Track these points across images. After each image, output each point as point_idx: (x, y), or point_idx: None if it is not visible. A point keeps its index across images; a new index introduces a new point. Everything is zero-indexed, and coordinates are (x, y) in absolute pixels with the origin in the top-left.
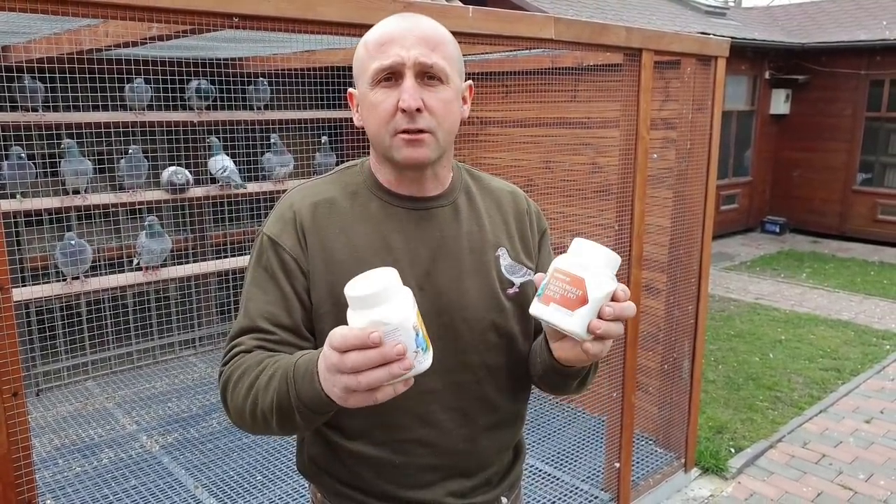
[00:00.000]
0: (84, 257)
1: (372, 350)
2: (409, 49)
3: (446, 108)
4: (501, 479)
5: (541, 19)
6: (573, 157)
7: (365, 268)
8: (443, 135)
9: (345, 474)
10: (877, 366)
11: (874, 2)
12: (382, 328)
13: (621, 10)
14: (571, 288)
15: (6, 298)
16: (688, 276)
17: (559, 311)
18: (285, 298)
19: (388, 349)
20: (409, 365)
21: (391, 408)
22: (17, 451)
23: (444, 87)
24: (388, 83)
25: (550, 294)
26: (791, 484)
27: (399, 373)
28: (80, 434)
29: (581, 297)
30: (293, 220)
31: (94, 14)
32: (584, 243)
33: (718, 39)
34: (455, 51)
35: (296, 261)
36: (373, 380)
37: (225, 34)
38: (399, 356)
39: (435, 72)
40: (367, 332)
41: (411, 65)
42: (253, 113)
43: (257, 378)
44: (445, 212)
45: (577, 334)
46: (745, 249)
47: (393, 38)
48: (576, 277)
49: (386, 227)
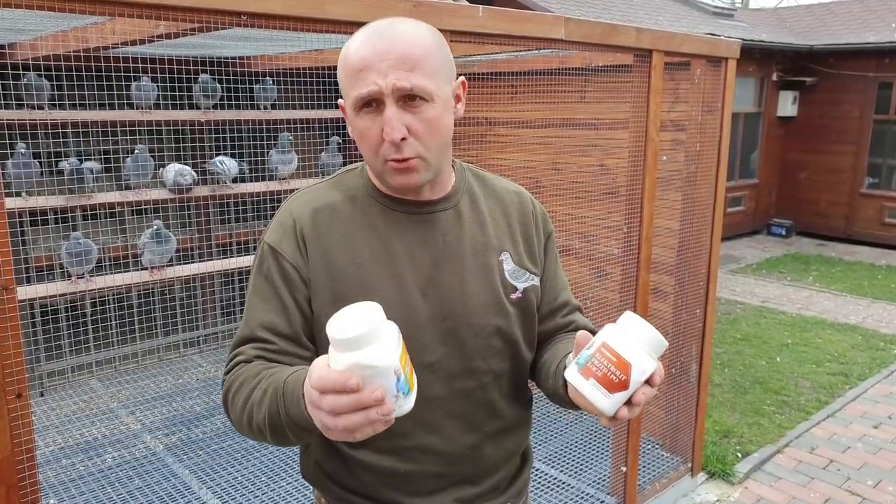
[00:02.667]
0: (90, 257)
1: (350, 395)
2: (385, 75)
3: (432, 128)
4: (509, 486)
5: (551, 19)
6: (581, 159)
7: (366, 274)
8: (433, 155)
9: (350, 481)
10: (884, 370)
11: (882, 4)
12: (363, 372)
13: (628, 11)
14: (616, 370)
15: (11, 299)
16: (696, 279)
17: (597, 390)
18: (285, 308)
19: (367, 396)
20: (387, 411)
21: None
22: (21, 454)
23: (428, 106)
24: (370, 109)
25: (593, 369)
26: (798, 489)
27: (377, 418)
28: (83, 433)
29: (623, 382)
30: (293, 228)
31: (102, 11)
32: (637, 321)
33: (729, 41)
34: (439, 57)
35: (296, 269)
36: (350, 424)
37: (232, 32)
38: (377, 402)
39: (416, 93)
40: (345, 376)
41: (390, 92)
42: (259, 112)
43: (252, 392)
44: (448, 215)
45: (606, 414)
46: (752, 252)
47: (368, 64)
48: (624, 361)
49: (387, 233)
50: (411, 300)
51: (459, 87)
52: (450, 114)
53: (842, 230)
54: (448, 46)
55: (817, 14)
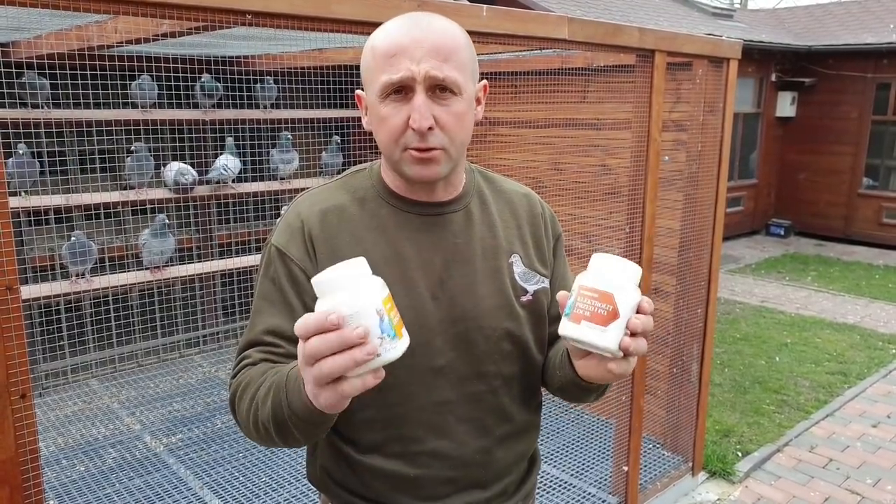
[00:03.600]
0: (90, 256)
1: (331, 333)
2: (419, 62)
3: (459, 122)
4: (517, 489)
5: (554, 19)
6: (583, 159)
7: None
8: (455, 149)
9: (358, 486)
10: (883, 370)
11: (881, 5)
12: (343, 311)
13: (628, 11)
14: (601, 304)
15: (15, 299)
16: (697, 279)
17: (592, 329)
18: (292, 311)
19: (348, 332)
20: (371, 350)
21: (404, 420)
22: (25, 454)
23: (456, 100)
24: (398, 96)
25: (580, 312)
26: (798, 488)
27: (362, 358)
28: (83, 433)
29: (612, 312)
30: (301, 229)
31: (106, 10)
32: (605, 257)
33: (731, 41)
34: (469, 54)
35: (304, 271)
36: (335, 367)
37: (234, 31)
38: (360, 339)
39: (447, 84)
40: (324, 314)
41: (422, 79)
42: (260, 112)
43: (257, 391)
44: (458, 217)
45: (612, 350)
46: (751, 252)
47: (403, 49)
48: (604, 293)
49: (397, 236)
50: (422, 303)
51: (481, 90)
52: (473, 112)
53: (840, 230)
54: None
55: (816, 15)
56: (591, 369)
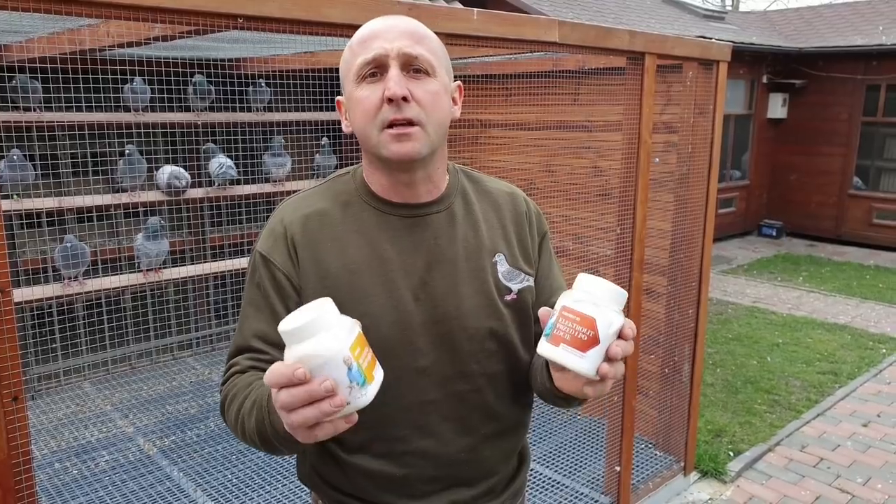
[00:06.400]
0: (83, 259)
1: (299, 387)
2: (392, 41)
3: (434, 99)
4: (505, 488)
5: (545, 22)
6: (575, 161)
7: (358, 280)
8: (432, 128)
9: (346, 485)
10: (873, 369)
11: (871, 7)
12: (310, 363)
13: (620, 13)
14: (582, 328)
15: (7, 301)
16: (688, 279)
17: (570, 353)
18: (277, 317)
19: (315, 386)
20: (340, 402)
21: (390, 420)
22: (17, 456)
23: (430, 80)
24: (374, 78)
25: (560, 334)
26: (790, 487)
27: (330, 410)
28: (76, 436)
29: (592, 338)
30: (284, 235)
31: (98, 14)
32: (590, 279)
33: (721, 44)
34: (440, 48)
35: (287, 277)
36: (304, 418)
37: (227, 34)
38: (328, 393)
39: (420, 63)
40: (291, 368)
41: (395, 55)
42: (252, 114)
43: (243, 403)
44: (440, 218)
45: (588, 376)
46: (743, 253)
47: (376, 34)
48: (586, 317)
49: (379, 238)
50: (404, 305)
51: (456, 90)
52: (449, 101)
53: (831, 231)
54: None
55: (806, 17)
56: (566, 383)
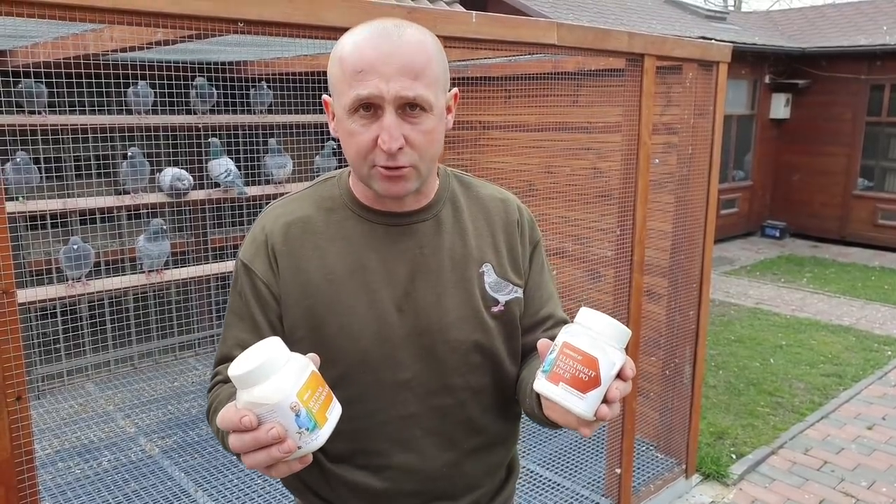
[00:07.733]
0: (87, 261)
1: (246, 434)
2: (388, 81)
3: (429, 140)
4: (491, 500)
5: (544, 24)
6: (575, 162)
7: (339, 290)
8: (425, 165)
9: (329, 494)
10: (878, 372)
11: (874, 7)
12: (258, 410)
13: (621, 15)
14: (583, 368)
15: (11, 303)
16: (689, 281)
17: (570, 394)
18: (257, 327)
19: (262, 434)
20: (288, 448)
21: (369, 434)
22: (21, 455)
23: (427, 117)
24: (367, 113)
25: (560, 373)
26: (793, 491)
27: (279, 456)
28: (79, 436)
29: (594, 379)
30: (265, 243)
31: (101, 20)
32: (593, 315)
33: (720, 45)
34: (440, 66)
35: (267, 286)
36: (255, 462)
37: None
38: (275, 441)
39: (418, 102)
40: (239, 415)
41: (391, 99)
42: (254, 117)
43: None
44: (427, 226)
45: (586, 418)
46: (746, 254)
47: (371, 66)
48: (589, 357)
49: (362, 246)
50: (386, 316)
51: (452, 99)
52: (443, 125)
53: (835, 232)
54: (445, 55)
55: (809, 17)
56: (556, 414)
